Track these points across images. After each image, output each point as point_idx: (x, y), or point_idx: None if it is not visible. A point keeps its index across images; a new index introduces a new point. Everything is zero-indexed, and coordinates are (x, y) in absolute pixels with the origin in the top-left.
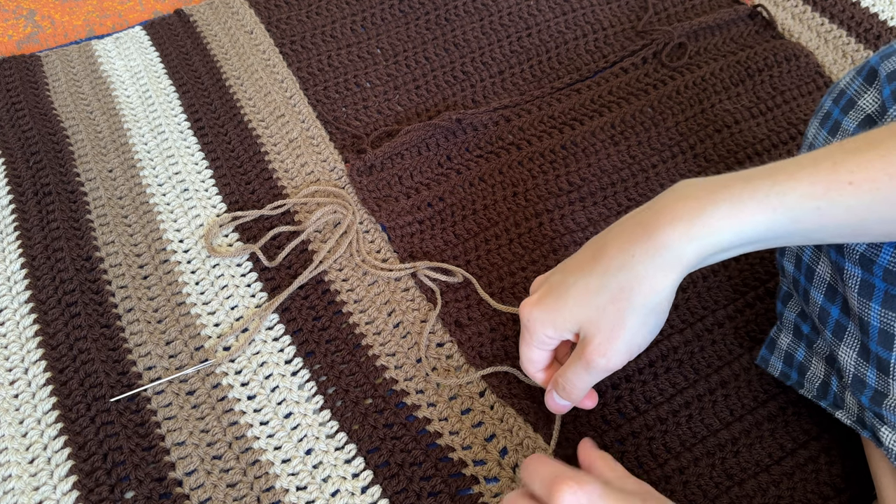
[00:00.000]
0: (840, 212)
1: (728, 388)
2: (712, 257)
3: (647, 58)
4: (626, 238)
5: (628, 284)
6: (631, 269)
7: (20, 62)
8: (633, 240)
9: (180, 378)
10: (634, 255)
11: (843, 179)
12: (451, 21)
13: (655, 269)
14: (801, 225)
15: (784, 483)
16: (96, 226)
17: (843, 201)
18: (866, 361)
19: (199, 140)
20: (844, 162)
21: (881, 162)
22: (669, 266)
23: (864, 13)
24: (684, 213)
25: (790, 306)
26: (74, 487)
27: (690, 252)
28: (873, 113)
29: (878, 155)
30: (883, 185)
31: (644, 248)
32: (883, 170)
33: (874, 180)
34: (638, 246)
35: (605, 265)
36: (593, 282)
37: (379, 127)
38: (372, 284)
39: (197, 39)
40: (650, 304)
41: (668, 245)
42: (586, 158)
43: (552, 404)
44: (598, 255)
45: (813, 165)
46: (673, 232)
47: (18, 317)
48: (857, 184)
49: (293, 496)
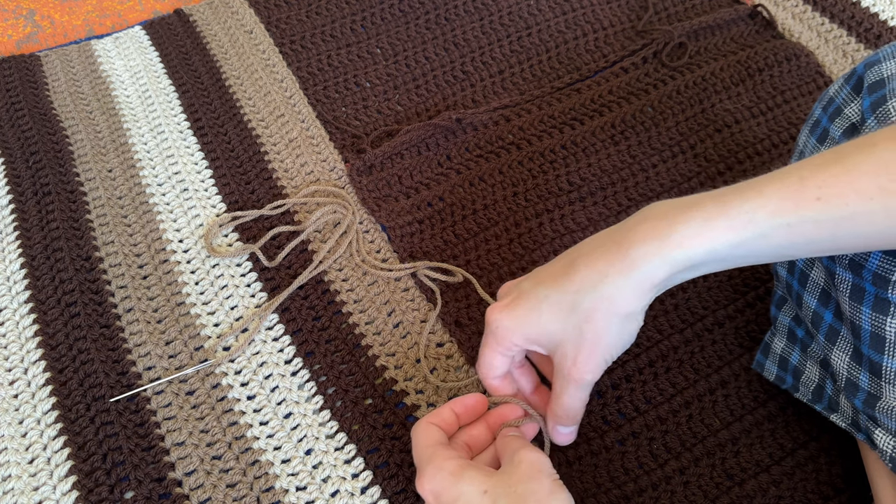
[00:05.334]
0: (809, 228)
1: (728, 388)
2: (684, 274)
3: (647, 58)
4: (598, 256)
5: (602, 305)
6: (603, 289)
7: (20, 62)
8: (605, 258)
9: (180, 378)
10: (607, 276)
11: (811, 196)
12: (451, 21)
13: (627, 289)
14: (771, 241)
15: (784, 483)
16: (96, 226)
17: (812, 217)
18: (859, 365)
19: (199, 140)
20: (812, 178)
21: (847, 177)
22: (640, 286)
23: (864, 13)
24: (655, 233)
25: (784, 311)
26: (74, 487)
27: (661, 272)
28: (857, 122)
29: (843, 170)
30: (850, 201)
31: (616, 269)
32: (849, 184)
33: (841, 195)
34: (610, 266)
35: (577, 283)
36: (567, 300)
37: (379, 127)
38: (372, 284)
39: (196, 39)
40: (624, 321)
41: (640, 265)
42: (586, 158)
43: (559, 437)
44: (570, 271)
45: (781, 182)
46: (644, 251)
47: (18, 317)
48: (824, 199)
49: (293, 496)
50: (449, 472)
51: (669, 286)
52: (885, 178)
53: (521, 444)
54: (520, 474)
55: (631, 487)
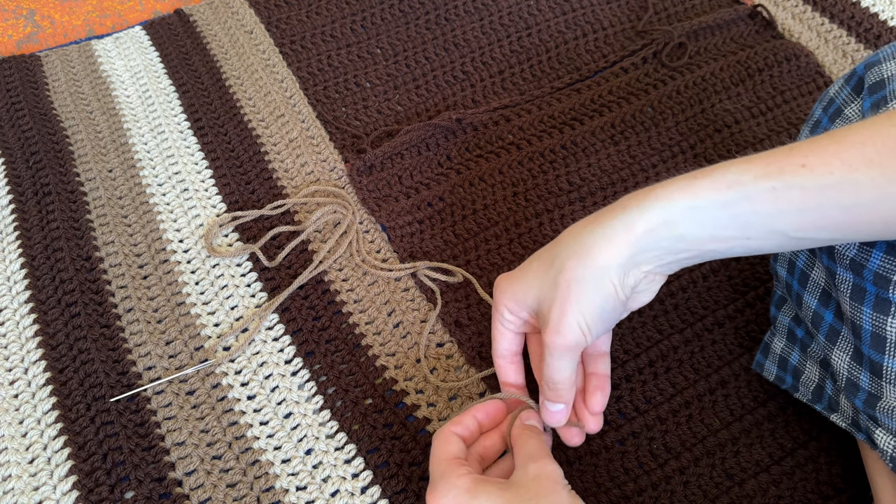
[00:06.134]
0: (795, 194)
1: (728, 387)
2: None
3: (647, 58)
4: (588, 219)
5: (575, 253)
6: (581, 240)
7: (20, 62)
8: (592, 219)
9: (180, 378)
10: (586, 227)
11: (797, 162)
12: (451, 21)
13: (603, 238)
14: (756, 206)
15: (784, 483)
16: (96, 226)
17: (798, 182)
18: (859, 365)
19: (199, 140)
20: (800, 148)
21: (834, 147)
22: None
23: (864, 13)
24: (640, 193)
25: (784, 311)
26: (74, 487)
27: (640, 223)
28: None
29: (832, 141)
30: (835, 169)
31: (598, 221)
32: (836, 154)
33: (827, 164)
34: (595, 219)
35: (562, 241)
36: (550, 255)
37: (379, 127)
38: (372, 284)
39: (197, 39)
40: (595, 276)
41: (618, 214)
42: (586, 158)
43: (548, 416)
44: (561, 236)
45: (769, 152)
46: (625, 204)
47: (18, 317)
48: (810, 166)
49: (293, 496)
50: (464, 490)
51: (651, 250)
52: (871, 149)
53: (535, 449)
54: (537, 488)
55: (631, 487)
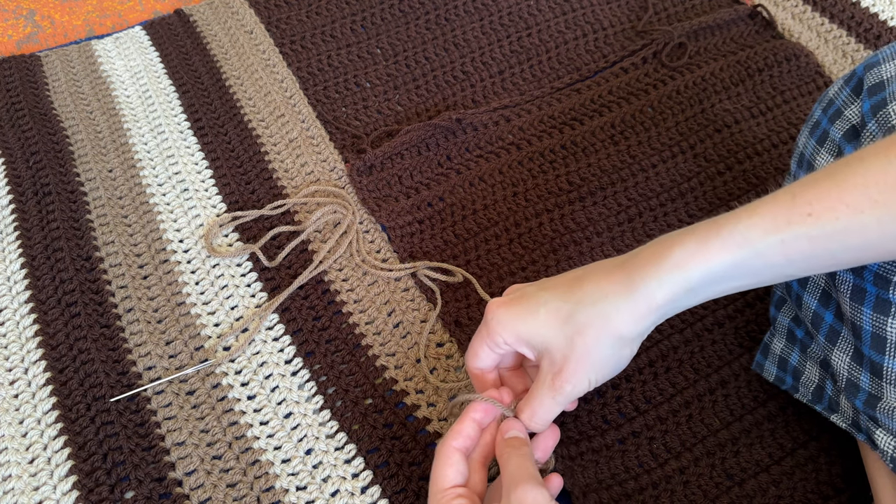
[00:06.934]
0: (803, 244)
1: (728, 387)
2: (685, 299)
3: (647, 58)
4: (603, 276)
5: (598, 321)
6: (602, 306)
7: (20, 62)
8: (609, 279)
9: (180, 378)
10: (608, 295)
11: (803, 211)
12: (451, 21)
13: (626, 310)
14: (767, 259)
15: (784, 483)
16: (96, 226)
17: (805, 232)
18: (859, 365)
19: (199, 140)
20: (803, 194)
21: (837, 191)
22: (638, 308)
23: (864, 13)
24: (654, 257)
25: (784, 311)
26: (74, 487)
27: (660, 294)
28: (857, 124)
29: (833, 184)
30: (841, 214)
31: (617, 289)
32: (839, 199)
33: (832, 209)
34: (612, 286)
35: (579, 296)
36: (565, 308)
37: (379, 127)
38: (372, 284)
39: (197, 39)
40: (615, 344)
41: (638, 286)
42: (586, 158)
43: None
44: (575, 286)
45: (773, 201)
46: (643, 274)
47: (18, 317)
48: (815, 214)
49: (293, 496)
50: None
51: (670, 313)
52: (874, 190)
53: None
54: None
55: (632, 485)
